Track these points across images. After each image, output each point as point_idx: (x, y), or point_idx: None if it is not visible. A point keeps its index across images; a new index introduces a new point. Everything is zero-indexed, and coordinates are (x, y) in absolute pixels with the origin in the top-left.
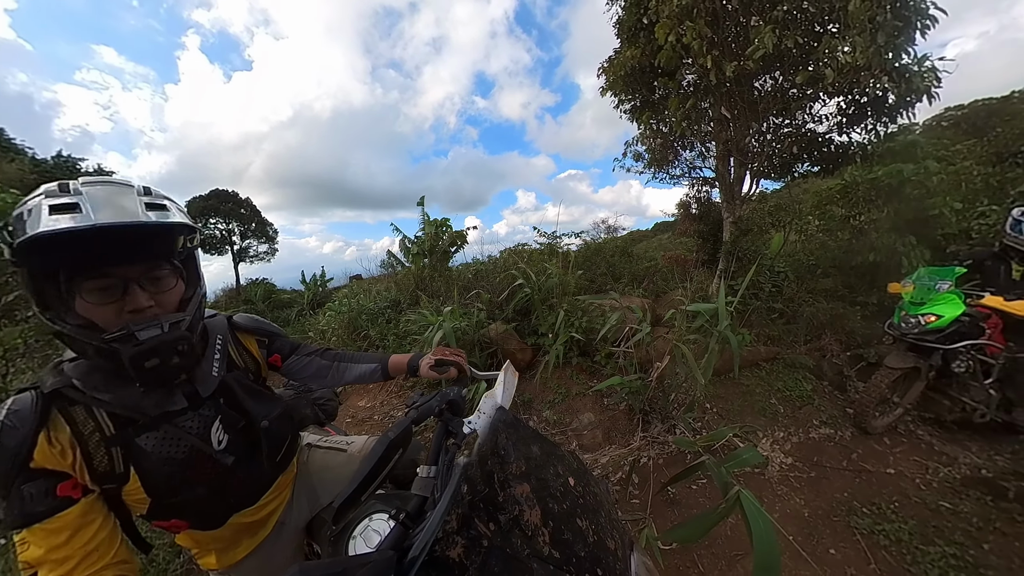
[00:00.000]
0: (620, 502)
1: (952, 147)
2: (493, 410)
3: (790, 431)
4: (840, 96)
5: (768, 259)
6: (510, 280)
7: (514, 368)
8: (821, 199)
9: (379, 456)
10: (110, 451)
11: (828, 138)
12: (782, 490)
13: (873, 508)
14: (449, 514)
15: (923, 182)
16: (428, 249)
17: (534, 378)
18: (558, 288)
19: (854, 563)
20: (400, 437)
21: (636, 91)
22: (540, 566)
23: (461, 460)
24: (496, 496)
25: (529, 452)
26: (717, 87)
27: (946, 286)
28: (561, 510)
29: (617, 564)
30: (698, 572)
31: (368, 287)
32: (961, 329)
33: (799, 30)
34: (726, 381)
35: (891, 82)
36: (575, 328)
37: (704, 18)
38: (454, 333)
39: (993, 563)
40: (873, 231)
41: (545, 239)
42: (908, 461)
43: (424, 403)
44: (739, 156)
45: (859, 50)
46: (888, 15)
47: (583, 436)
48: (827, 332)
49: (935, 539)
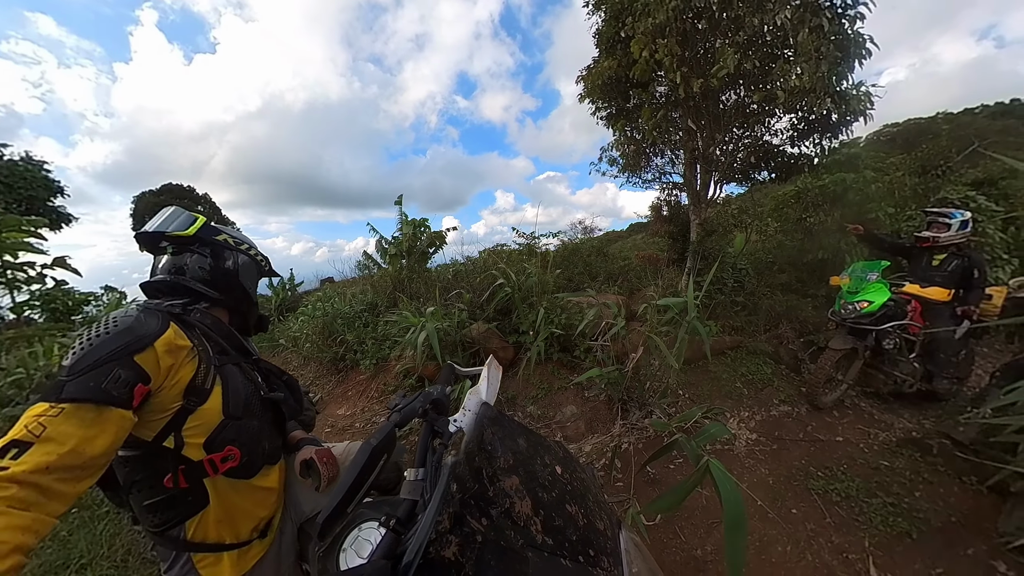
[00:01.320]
0: (605, 486)
1: (887, 160)
2: (478, 407)
3: (754, 410)
4: (792, 113)
5: (731, 257)
6: (490, 280)
7: (497, 363)
8: (778, 203)
9: (362, 464)
10: (209, 367)
11: (782, 149)
12: (749, 462)
13: (826, 471)
14: (441, 515)
15: (863, 189)
16: (406, 250)
17: (517, 375)
18: (537, 287)
19: (812, 519)
20: (384, 442)
21: (612, 99)
22: (535, 555)
23: (449, 459)
24: (486, 491)
25: (516, 445)
26: (685, 100)
27: (874, 276)
28: (551, 498)
29: (607, 543)
30: (680, 541)
31: (342, 290)
32: (888, 312)
33: (758, 54)
34: (696, 369)
35: (833, 103)
36: (555, 325)
37: (675, 37)
38: (437, 333)
39: (923, 507)
40: (821, 232)
41: (524, 239)
42: (853, 429)
43: (407, 405)
44: (705, 164)
45: (807, 75)
46: (831, 46)
47: (567, 428)
48: (783, 321)
49: (877, 492)
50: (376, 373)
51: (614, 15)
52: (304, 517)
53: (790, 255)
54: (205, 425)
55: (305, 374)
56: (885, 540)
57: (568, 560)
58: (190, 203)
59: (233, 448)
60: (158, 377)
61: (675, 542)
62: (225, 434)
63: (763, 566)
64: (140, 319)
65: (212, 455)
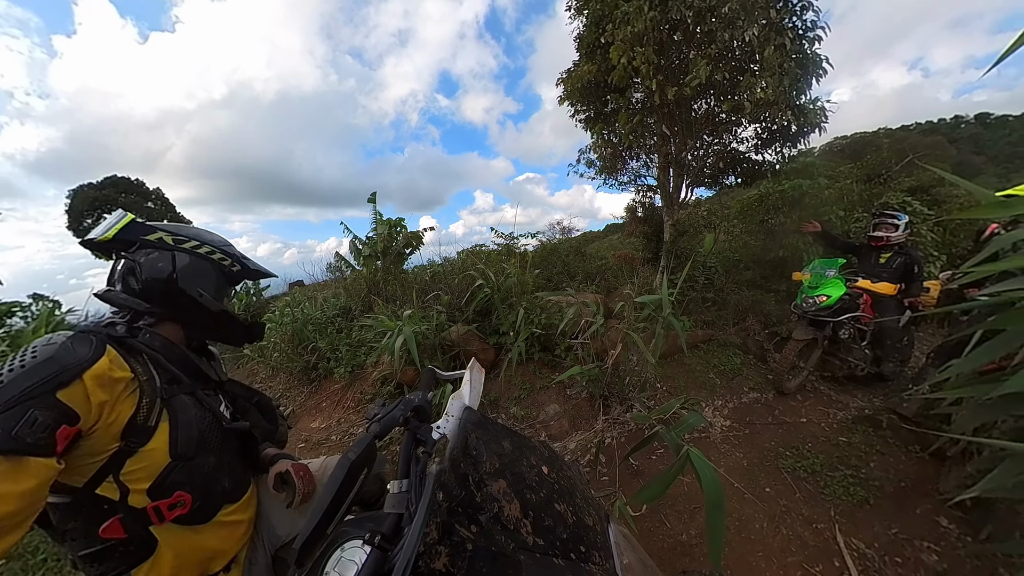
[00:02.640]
0: (591, 481)
1: (838, 168)
2: (461, 411)
3: (726, 399)
4: (756, 123)
5: (702, 256)
6: (469, 281)
7: (479, 366)
8: (743, 206)
9: (341, 480)
10: (154, 401)
11: (747, 156)
12: (725, 447)
13: (793, 450)
14: (428, 526)
15: (817, 194)
16: (381, 251)
17: (498, 377)
18: (517, 287)
19: (784, 495)
20: (363, 456)
21: (590, 103)
22: (527, 556)
23: (433, 468)
24: (474, 497)
25: (501, 448)
26: (660, 107)
27: (832, 273)
28: (539, 499)
29: (598, 537)
30: (666, 528)
31: (313, 294)
32: (844, 305)
33: (727, 67)
34: (672, 362)
35: (793, 116)
36: (535, 325)
37: (652, 46)
38: (415, 337)
39: (877, 475)
40: (782, 232)
41: (503, 240)
42: (815, 411)
43: (387, 414)
44: (677, 168)
45: (770, 88)
46: (792, 64)
47: (551, 426)
48: (750, 315)
49: (838, 465)
50: (351, 382)
51: (595, 21)
52: (280, 542)
53: (754, 254)
54: (149, 468)
55: (274, 386)
56: (847, 508)
57: (560, 559)
58: (138, 198)
59: (183, 493)
60: (88, 416)
61: (661, 529)
62: (174, 477)
63: (743, 543)
64: (66, 347)
65: (158, 502)
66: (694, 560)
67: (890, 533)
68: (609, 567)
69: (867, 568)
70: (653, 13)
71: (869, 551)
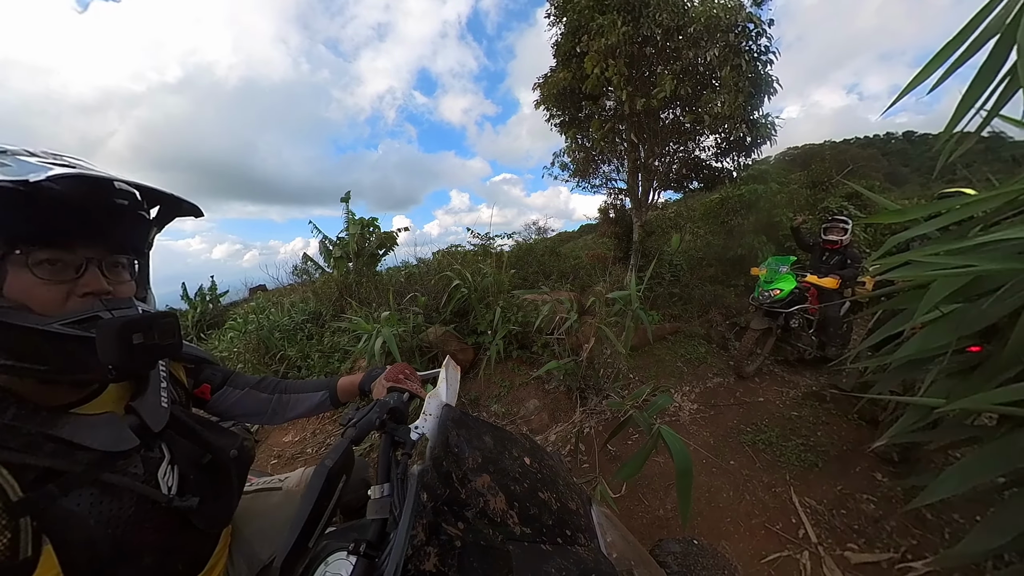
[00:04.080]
0: (573, 468)
1: (789, 175)
2: (439, 409)
3: (693, 384)
4: (716, 134)
5: (668, 255)
6: (446, 282)
7: (455, 363)
8: (705, 209)
9: (319, 490)
10: (15, 524)
11: (708, 164)
12: (693, 428)
13: (753, 426)
14: (414, 528)
15: (771, 199)
16: (353, 252)
17: (478, 375)
18: (493, 287)
19: (746, 466)
20: (340, 462)
21: (566, 108)
22: (516, 546)
23: (415, 469)
24: (459, 494)
25: (482, 443)
26: (630, 116)
27: (784, 269)
28: (523, 489)
29: (582, 520)
30: (644, 506)
31: (278, 299)
32: (795, 298)
33: (691, 82)
34: (642, 353)
35: (747, 129)
36: (512, 323)
37: (624, 59)
38: (394, 339)
39: (824, 442)
40: (740, 232)
41: (479, 240)
42: (771, 391)
43: (362, 418)
44: (645, 173)
45: (728, 104)
46: (747, 83)
47: (531, 421)
48: (712, 308)
49: (791, 436)
50: None
51: (572, 31)
52: (261, 565)
53: (716, 252)
54: None
55: None
56: (800, 472)
57: (548, 544)
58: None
59: None
60: None
61: (640, 507)
62: None
63: (713, 512)
64: None
65: None
66: (671, 531)
67: (836, 490)
68: (594, 546)
69: (819, 522)
70: (626, 28)
71: (819, 507)
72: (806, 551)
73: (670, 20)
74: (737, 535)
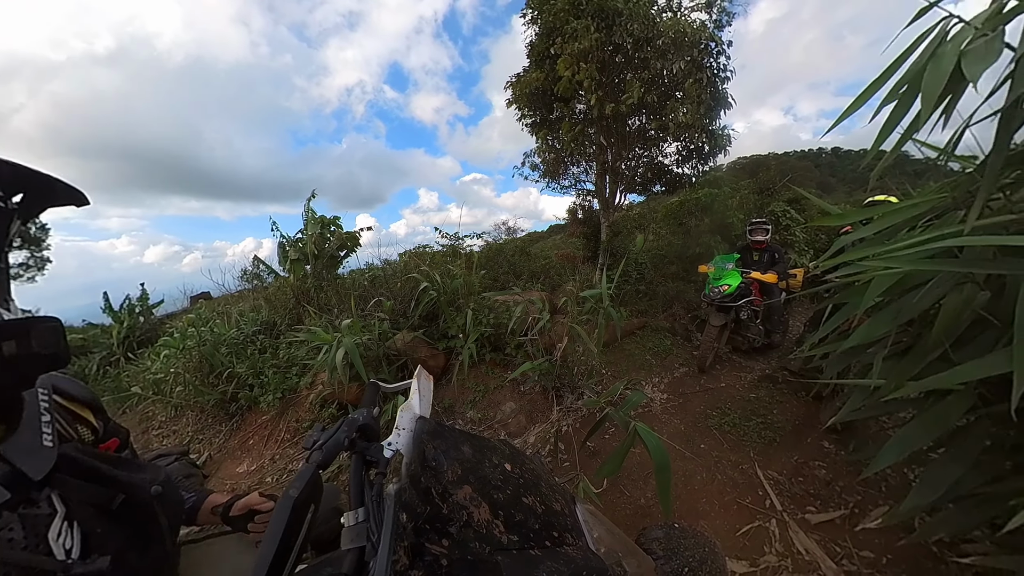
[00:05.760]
0: (554, 469)
1: (740, 182)
2: (413, 422)
3: (662, 376)
4: (678, 142)
5: (634, 254)
6: (413, 284)
7: (427, 373)
8: (667, 211)
9: (285, 524)
10: None
11: (670, 169)
12: (664, 417)
13: (718, 410)
14: (395, 553)
15: (724, 202)
16: (312, 254)
17: (451, 382)
18: (464, 288)
19: (715, 448)
20: (307, 491)
21: (537, 109)
22: (505, 556)
23: (391, 488)
24: (440, 510)
25: (461, 454)
26: (599, 120)
27: (730, 266)
28: (506, 497)
29: (567, 520)
30: (626, 497)
31: (224, 308)
32: (741, 292)
33: (657, 91)
34: (613, 349)
35: (706, 138)
36: (484, 325)
37: (596, 64)
38: (357, 349)
39: (779, 419)
40: (697, 232)
41: (448, 240)
42: (731, 376)
43: (329, 439)
44: (613, 175)
45: (689, 114)
46: (708, 95)
47: (509, 424)
48: (675, 303)
49: (752, 416)
50: (283, 409)
51: (547, 32)
52: None
53: (677, 251)
54: None
55: (179, 430)
56: (762, 448)
57: (536, 549)
58: None
59: None
60: None
61: (622, 499)
62: None
63: (689, 494)
64: None
65: None
66: (653, 518)
67: (793, 460)
68: (582, 544)
69: (781, 491)
70: (599, 34)
71: (780, 477)
72: (773, 519)
73: (640, 31)
74: (713, 513)
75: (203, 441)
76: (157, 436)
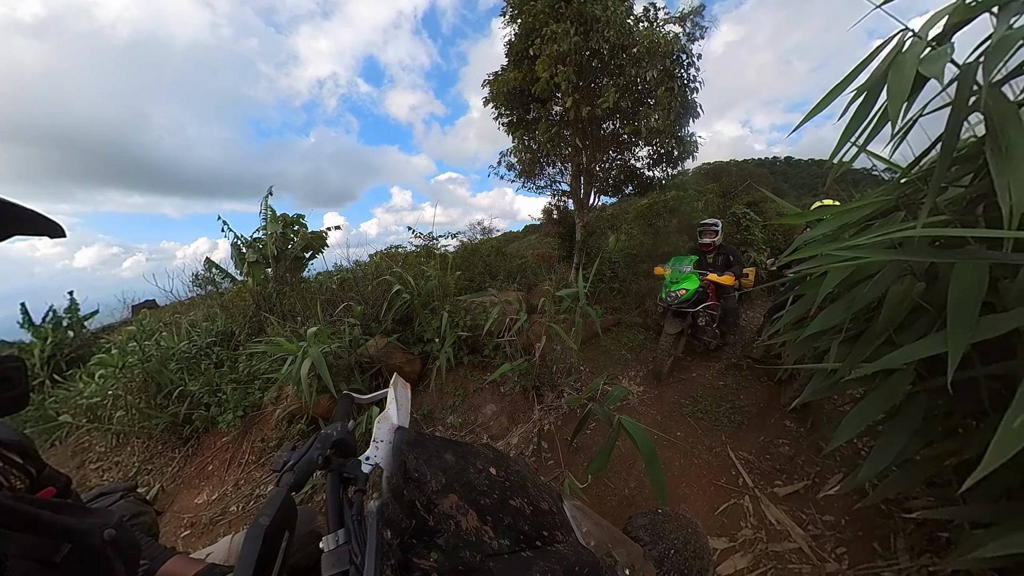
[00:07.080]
0: (539, 468)
1: (705, 186)
2: (391, 433)
3: (637, 369)
4: (649, 146)
5: (607, 253)
6: (385, 287)
7: (403, 380)
8: (638, 212)
9: (256, 556)
10: None
11: (642, 172)
12: (642, 408)
13: (691, 399)
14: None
15: (690, 204)
16: (273, 256)
17: (429, 387)
18: (439, 290)
19: (691, 435)
20: (279, 517)
21: (514, 108)
22: (496, 561)
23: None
24: (426, 522)
25: (444, 462)
26: (575, 122)
27: (688, 268)
28: (494, 501)
29: (556, 518)
30: (611, 489)
31: (173, 318)
32: (699, 296)
33: (631, 97)
34: (590, 346)
35: (676, 144)
36: (461, 328)
37: (573, 67)
38: (325, 359)
39: (746, 404)
40: (666, 232)
41: (422, 240)
42: (700, 366)
43: (300, 458)
44: (587, 177)
45: (661, 120)
46: (678, 103)
47: (491, 427)
48: (647, 299)
49: (721, 402)
50: (246, 429)
51: (526, 32)
52: None
53: (647, 250)
54: None
55: (122, 461)
56: (732, 430)
57: (528, 550)
58: None
59: None
60: None
61: (607, 491)
62: None
63: (670, 481)
64: None
65: None
66: (638, 506)
67: (760, 440)
68: (572, 540)
69: (751, 469)
70: (577, 38)
71: (750, 456)
72: (746, 496)
73: (616, 38)
74: (693, 496)
75: (153, 472)
76: (96, 470)
